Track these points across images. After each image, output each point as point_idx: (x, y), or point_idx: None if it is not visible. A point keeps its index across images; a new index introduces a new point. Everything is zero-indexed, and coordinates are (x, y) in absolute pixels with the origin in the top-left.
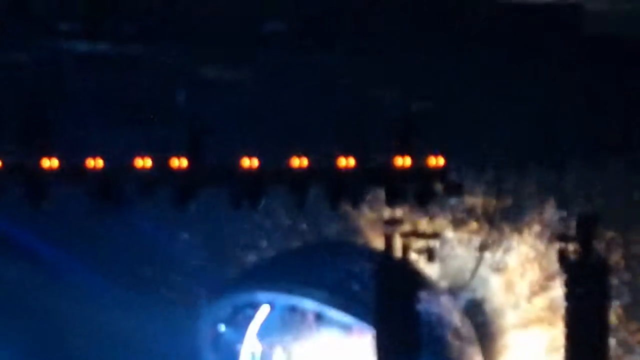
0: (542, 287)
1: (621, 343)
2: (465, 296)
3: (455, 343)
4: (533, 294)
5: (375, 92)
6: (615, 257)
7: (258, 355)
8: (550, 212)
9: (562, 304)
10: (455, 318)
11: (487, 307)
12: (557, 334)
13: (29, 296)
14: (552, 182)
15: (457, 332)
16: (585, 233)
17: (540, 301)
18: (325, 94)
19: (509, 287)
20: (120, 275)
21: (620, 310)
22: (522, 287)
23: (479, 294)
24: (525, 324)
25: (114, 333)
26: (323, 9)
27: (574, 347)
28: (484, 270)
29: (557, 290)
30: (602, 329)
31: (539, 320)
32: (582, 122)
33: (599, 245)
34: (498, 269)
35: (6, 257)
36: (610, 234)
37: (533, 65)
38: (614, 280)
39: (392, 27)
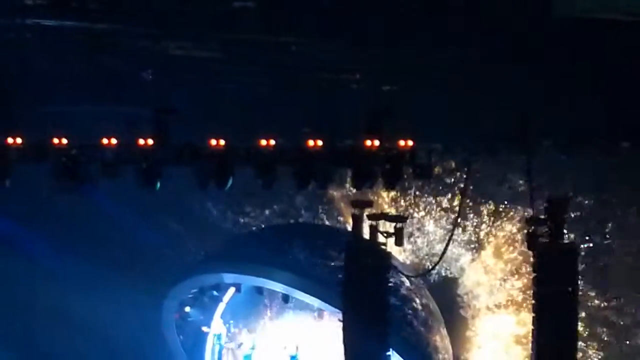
0: (511, 271)
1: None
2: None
3: (423, 324)
4: (502, 278)
5: (345, 74)
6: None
7: (223, 336)
8: (520, 195)
9: (530, 287)
10: (423, 299)
11: (456, 287)
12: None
13: None
14: (522, 165)
15: (424, 314)
16: (555, 216)
17: (509, 284)
18: (294, 74)
19: (477, 269)
20: (86, 255)
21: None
22: (491, 271)
23: (448, 274)
24: (495, 305)
25: (79, 314)
26: None
27: (543, 329)
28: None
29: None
30: (571, 312)
31: (508, 303)
32: (552, 105)
33: (568, 228)
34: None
35: None
36: (578, 217)
37: (504, 48)
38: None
39: (363, 10)
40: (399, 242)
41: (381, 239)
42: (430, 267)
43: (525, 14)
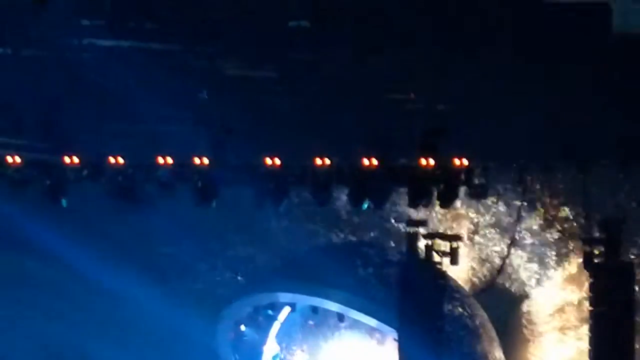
0: (568, 292)
1: None
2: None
3: (478, 345)
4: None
5: (400, 92)
6: None
7: (278, 356)
8: (576, 214)
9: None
10: (479, 320)
11: (517, 308)
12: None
13: (51, 293)
14: (578, 183)
15: (480, 334)
16: (611, 236)
17: (574, 307)
18: (350, 93)
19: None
20: (143, 274)
21: None
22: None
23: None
24: (552, 326)
25: (134, 331)
26: (346, 7)
27: (599, 350)
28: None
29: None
30: (628, 333)
31: (573, 327)
32: (609, 122)
33: (625, 249)
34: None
35: (27, 254)
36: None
37: (559, 65)
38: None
39: (419, 28)
40: (454, 261)
41: (436, 258)
42: (486, 286)
43: (584, 29)
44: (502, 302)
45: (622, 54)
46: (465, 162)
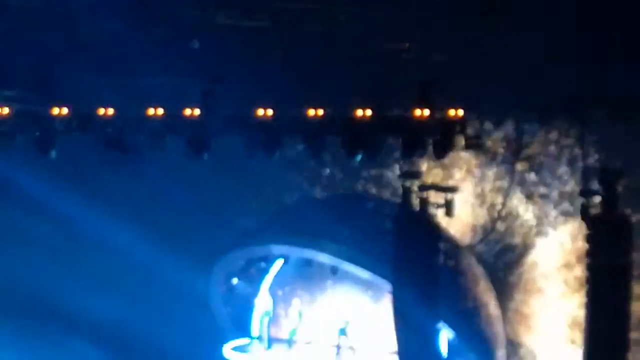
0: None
1: None
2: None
3: (474, 298)
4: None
5: (393, 44)
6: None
7: (271, 309)
8: (572, 165)
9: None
10: (475, 273)
11: (514, 263)
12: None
13: (39, 246)
14: (574, 135)
15: (476, 287)
16: (608, 187)
17: (563, 256)
18: (343, 45)
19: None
20: (134, 226)
21: None
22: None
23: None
24: (546, 275)
25: (126, 283)
26: None
27: (595, 302)
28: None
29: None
30: (625, 285)
31: (571, 284)
32: (603, 76)
33: (622, 200)
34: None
35: (15, 205)
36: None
37: (554, 18)
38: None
39: None
40: (449, 213)
41: (431, 209)
42: (481, 237)
43: None
44: (501, 256)
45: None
46: (460, 113)
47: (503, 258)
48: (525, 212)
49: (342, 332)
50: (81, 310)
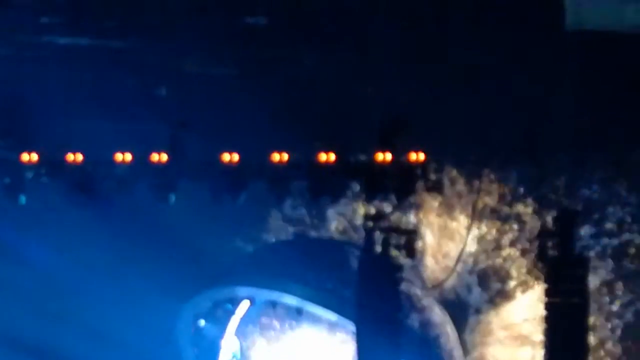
0: (524, 285)
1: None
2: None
3: (436, 337)
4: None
5: (357, 88)
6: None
7: (237, 351)
8: (530, 208)
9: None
10: (437, 312)
11: (471, 301)
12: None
13: (6, 289)
14: (533, 178)
15: (438, 326)
16: (565, 229)
17: (523, 299)
18: (306, 89)
19: (488, 284)
20: (101, 268)
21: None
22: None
23: (459, 290)
24: (505, 323)
25: (96, 329)
26: (305, 3)
27: (553, 343)
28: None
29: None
30: (583, 327)
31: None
32: (564, 118)
33: (579, 242)
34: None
35: None
36: (590, 231)
37: (514, 62)
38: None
39: (374, 24)
40: (411, 255)
41: (394, 251)
42: (443, 279)
43: (538, 26)
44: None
45: (576, 51)
46: (421, 156)
47: (461, 297)
48: (485, 256)
49: None
50: (49, 351)
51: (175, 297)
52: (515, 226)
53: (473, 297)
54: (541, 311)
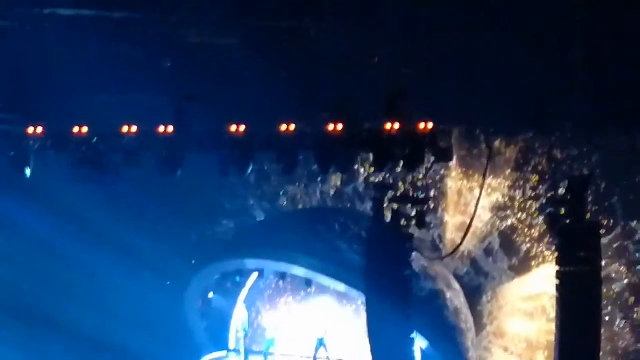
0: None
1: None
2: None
3: (447, 307)
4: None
5: (364, 58)
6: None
7: (246, 322)
8: (541, 175)
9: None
10: (446, 282)
11: (481, 270)
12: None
13: (13, 262)
14: (542, 144)
15: (448, 296)
16: (576, 196)
17: (537, 269)
18: (313, 60)
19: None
20: (109, 241)
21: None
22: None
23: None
24: (517, 286)
25: (103, 302)
26: None
27: (567, 311)
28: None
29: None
30: (595, 293)
31: (537, 284)
32: (570, 88)
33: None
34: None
35: None
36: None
37: (524, 28)
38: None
39: None
40: (420, 225)
41: (403, 221)
42: (452, 249)
43: None
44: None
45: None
46: (430, 125)
47: (472, 266)
48: (494, 226)
49: (319, 343)
50: (58, 323)
51: (183, 269)
52: (526, 194)
53: (486, 267)
54: (554, 280)
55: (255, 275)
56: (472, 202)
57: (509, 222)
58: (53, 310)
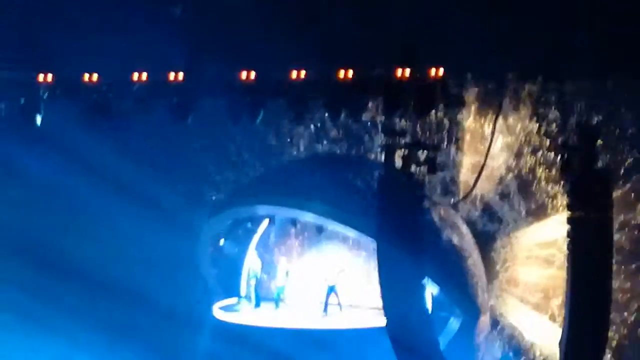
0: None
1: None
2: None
3: (457, 252)
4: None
5: (375, 3)
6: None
7: (258, 269)
8: (554, 121)
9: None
10: (457, 227)
11: (491, 215)
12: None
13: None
14: (554, 91)
15: (458, 242)
16: (588, 142)
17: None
18: (324, 5)
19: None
20: (120, 191)
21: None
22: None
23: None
24: (533, 232)
25: (115, 247)
26: None
27: (578, 256)
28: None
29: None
30: (606, 241)
31: (547, 228)
32: (581, 33)
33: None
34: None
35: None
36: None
37: None
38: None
39: None
40: (431, 170)
41: (413, 168)
42: (464, 194)
43: None
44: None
45: None
46: (440, 71)
47: (484, 211)
48: (510, 169)
49: (330, 290)
50: (70, 268)
51: (195, 216)
52: (542, 138)
53: (501, 212)
54: (566, 227)
55: (266, 221)
56: (485, 145)
57: (526, 165)
58: (65, 256)
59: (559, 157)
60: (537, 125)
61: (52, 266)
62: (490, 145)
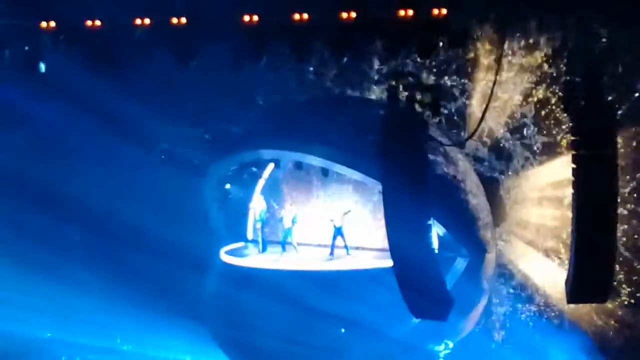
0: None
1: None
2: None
3: (463, 192)
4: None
5: None
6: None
7: (264, 212)
8: (557, 62)
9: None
10: (462, 168)
11: (496, 155)
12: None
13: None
14: (556, 27)
15: (464, 182)
16: (593, 79)
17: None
18: None
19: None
20: (125, 136)
21: None
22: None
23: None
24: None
25: (122, 191)
26: None
27: (582, 192)
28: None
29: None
30: (611, 178)
31: (552, 167)
32: None
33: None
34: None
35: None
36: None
37: None
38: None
39: None
40: (435, 111)
41: (418, 108)
42: (468, 135)
43: None
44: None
45: None
46: (444, 11)
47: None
48: (512, 108)
49: (336, 232)
50: (76, 213)
51: (200, 161)
52: (543, 78)
53: (509, 150)
54: (571, 166)
55: (271, 165)
56: (490, 82)
57: (535, 99)
58: (71, 201)
59: (563, 93)
60: (540, 61)
61: (58, 210)
62: (494, 84)
